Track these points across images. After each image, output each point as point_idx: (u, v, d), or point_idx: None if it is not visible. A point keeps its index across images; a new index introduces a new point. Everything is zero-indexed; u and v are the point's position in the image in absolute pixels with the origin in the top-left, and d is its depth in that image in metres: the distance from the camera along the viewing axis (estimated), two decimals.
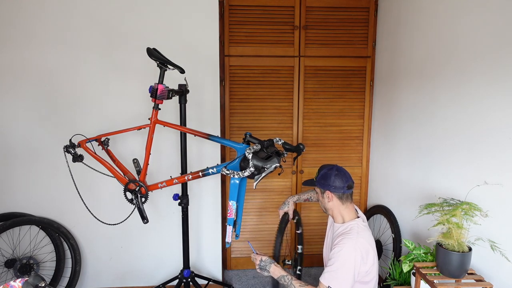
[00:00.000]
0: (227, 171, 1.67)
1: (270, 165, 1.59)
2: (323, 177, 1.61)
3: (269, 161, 1.59)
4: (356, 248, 1.46)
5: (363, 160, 2.81)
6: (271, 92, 2.67)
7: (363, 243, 1.49)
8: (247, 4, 2.56)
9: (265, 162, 1.59)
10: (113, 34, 2.33)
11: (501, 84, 1.46)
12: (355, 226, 1.55)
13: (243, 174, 1.62)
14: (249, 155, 1.59)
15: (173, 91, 1.87)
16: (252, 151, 1.61)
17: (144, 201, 1.97)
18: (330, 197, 1.60)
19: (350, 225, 1.57)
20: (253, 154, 1.61)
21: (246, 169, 1.61)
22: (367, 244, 1.50)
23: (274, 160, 1.59)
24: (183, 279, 2.24)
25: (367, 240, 1.52)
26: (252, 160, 1.59)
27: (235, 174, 1.65)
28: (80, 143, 2.00)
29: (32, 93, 2.32)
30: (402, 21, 2.29)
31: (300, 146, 1.85)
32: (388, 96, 2.49)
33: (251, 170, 1.60)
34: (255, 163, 1.59)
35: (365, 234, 1.54)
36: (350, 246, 1.46)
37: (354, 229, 1.54)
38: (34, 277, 0.98)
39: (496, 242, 1.44)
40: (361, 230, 1.54)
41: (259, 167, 1.60)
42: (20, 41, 2.27)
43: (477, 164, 1.60)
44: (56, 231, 2.41)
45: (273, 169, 1.60)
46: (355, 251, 1.45)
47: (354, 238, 1.49)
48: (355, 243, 1.47)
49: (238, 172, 1.64)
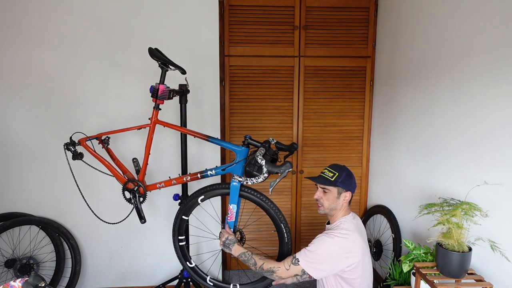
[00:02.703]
0: (240, 179, 1.67)
1: (284, 169, 1.57)
2: (348, 178, 1.60)
3: (283, 166, 1.58)
4: (339, 240, 1.50)
5: (363, 160, 2.81)
6: (271, 92, 2.67)
7: (346, 237, 1.51)
8: (247, 4, 2.56)
9: (278, 167, 1.58)
10: (113, 34, 2.33)
11: (501, 84, 1.46)
12: (342, 221, 1.59)
13: (257, 181, 1.61)
14: (261, 161, 1.57)
15: (174, 91, 1.87)
16: (262, 155, 1.59)
17: (142, 201, 1.96)
18: (348, 198, 1.61)
19: (340, 221, 1.61)
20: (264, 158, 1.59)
21: (260, 176, 1.60)
22: (351, 238, 1.52)
23: (287, 164, 1.58)
24: (183, 279, 2.24)
25: (352, 234, 1.54)
26: (265, 166, 1.57)
27: (248, 180, 1.64)
28: (80, 141, 2.00)
29: (32, 93, 2.32)
30: (402, 21, 2.29)
31: (294, 145, 1.86)
32: (388, 96, 2.49)
33: (265, 176, 1.59)
34: (269, 169, 1.58)
35: (350, 227, 1.56)
36: (332, 237, 1.51)
37: (341, 224, 1.58)
38: (34, 277, 0.98)
39: (496, 242, 1.44)
40: (347, 225, 1.57)
41: (274, 172, 1.59)
42: (20, 41, 2.27)
43: (477, 164, 1.60)
44: (56, 231, 2.41)
45: (286, 174, 1.59)
46: (336, 243, 1.49)
47: (338, 231, 1.53)
48: (338, 234, 1.51)
49: (252, 179, 1.63)
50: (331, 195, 1.60)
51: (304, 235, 2.83)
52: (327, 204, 1.61)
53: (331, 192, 1.60)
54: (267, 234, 2.78)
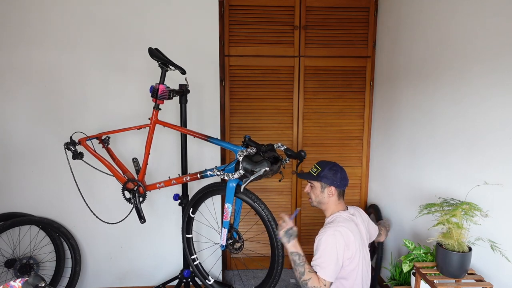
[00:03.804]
0: (218, 172, 1.70)
1: (259, 168, 1.60)
2: (330, 173, 1.69)
3: (258, 165, 1.61)
4: (336, 234, 1.56)
5: (363, 160, 2.81)
6: (271, 92, 2.67)
7: (343, 229, 1.59)
8: (247, 4, 2.56)
9: (254, 166, 1.61)
10: (113, 34, 2.34)
11: (501, 83, 1.46)
12: (337, 217, 1.69)
13: (233, 176, 1.64)
14: (240, 157, 1.62)
15: (174, 91, 1.87)
16: (245, 154, 1.63)
17: (142, 201, 1.97)
18: (332, 192, 1.71)
19: (334, 216, 1.71)
20: (245, 157, 1.63)
21: (236, 172, 1.63)
22: (348, 230, 1.60)
23: (263, 164, 1.61)
24: (183, 279, 2.24)
25: (348, 227, 1.62)
26: (242, 163, 1.62)
27: (225, 175, 1.67)
28: (81, 140, 2.01)
29: (32, 92, 2.32)
30: (402, 21, 2.29)
31: (301, 153, 1.88)
32: (388, 96, 2.49)
33: (241, 173, 1.62)
34: (245, 166, 1.62)
35: (346, 223, 1.65)
36: (329, 234, 1.57)
37: (336, 219, 1.67)
38: (34, 277, 0.98)
39: (496, 242, 1.44)
40: (342, 220, 1.66)
41: (248, 170, 1.62)
42: (21, 40, 2.27)
43: (477, 164, 1.60)
44: (56, 231, 2.41)
45: (262, 173, 1.60)
46: (334, 237, 1.56)
47: (334, 226, 1.61)
48: (334, 230, 1.58)
49: (228, 174, 1.66)
50: (316, 190, 1.75)
51: (304, 235, 2.83)
52: (313, 197, 1.77)
53: (316, 187, 1.75)
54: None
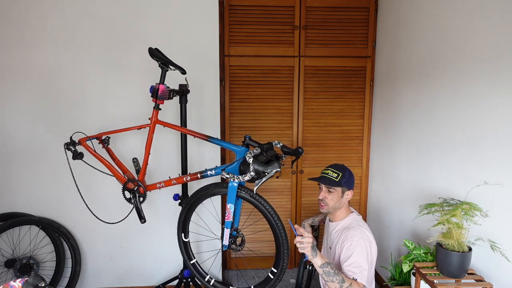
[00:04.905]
0: (226, 175, 1.65)
1: (271, 169, 1.58)
2: (350, 177, 1.71)
3: (270, 166, 1.59)
4: (365, 238, 1.59)
5: (363, 160, 2.81)
6: (271, 92, 2.67)
7: (369, 234, 1.64)
8: (247, 4, 2.56)
9: (265, 167, 1.58)
10: (113, 34, 2.33)
11: (501, 83, 1.46)
12: (353, 220, 1.71)
13: (244, 179, 1.60)
14: (249, 159, 1.57)
15: (174, 91, 1.87)
16: (253, 155, 1.59)
17: (142, 201, 1.96)
18: (350, 195, 1.73)
19: (349, 219, 1.72)
20: (254, 158, 1.59)
21: (247, 174, 1.59)
22: (369, 232, 1.65)
23: (275, 164, 1.59)
24: (183, 279, 2.24)
25: (367, 229, 1.67)
26: (252, 165, 1.57)
27: (235, 178, 1.62)
28: (81, 140, 2.00)
29: (32, 92, 2.32)
30: (402, 21, 2.29)
31: (299, 149, 1.85)
32: (388, 96, 2.49)
33: (252, 175, 1.58)
34: (256, 168, 1.58)
35: (365, 225, 1.70)
36: (360, 238, 1.58)
37: (354, 222, 1.69)
38: (34, 277, 0.98)
39: (496, 242, 1.44)
40: (360, 222, 1.70)
41: (260, 172, 1.59)
42: (21, 40, 2.27)
43: (477, 164, 1.60)
44: (56, 231, 2.41)
45: (273, 173, 1.60)
46: (365, 241, 1.58)
47: (358, 229, 1.63)
48: (360, 233, 1.60)
49: (238, 177, 1.62)
50: (336, 195, 1.69)
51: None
52: (331, 204, 1.70)
53: (336, 192, 1.69)
54: (267, 235, 2.78)
